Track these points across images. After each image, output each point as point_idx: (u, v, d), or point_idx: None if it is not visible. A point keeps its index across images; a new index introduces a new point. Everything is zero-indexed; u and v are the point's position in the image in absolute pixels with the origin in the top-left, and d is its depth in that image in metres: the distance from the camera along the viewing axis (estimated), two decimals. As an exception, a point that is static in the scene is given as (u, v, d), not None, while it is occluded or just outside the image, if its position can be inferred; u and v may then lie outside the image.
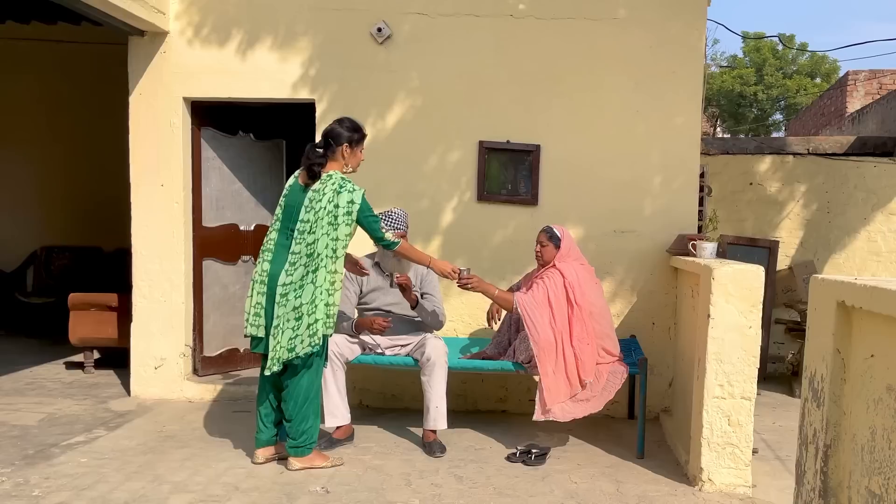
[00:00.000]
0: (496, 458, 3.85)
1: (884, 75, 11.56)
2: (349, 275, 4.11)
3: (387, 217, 3.99)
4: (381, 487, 3.40)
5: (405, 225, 4.07)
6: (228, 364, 5.32)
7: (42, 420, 4.37)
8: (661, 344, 4.66)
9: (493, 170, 4.74)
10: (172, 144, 4.88)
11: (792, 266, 6.26)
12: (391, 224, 3.97)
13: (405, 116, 4.77)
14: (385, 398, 4.82)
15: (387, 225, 3.95)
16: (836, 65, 26.20)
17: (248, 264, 5.41)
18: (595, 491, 3.41)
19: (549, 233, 4.05)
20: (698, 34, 4.63)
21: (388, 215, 4.02)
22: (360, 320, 4.08)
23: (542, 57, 4.68)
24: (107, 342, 5.55)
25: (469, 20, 4.70)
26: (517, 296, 3.91)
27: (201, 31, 4.84)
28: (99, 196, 7.03)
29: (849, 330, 1.70)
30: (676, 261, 4.40)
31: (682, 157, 4.65)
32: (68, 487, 3.31)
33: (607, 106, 4.67)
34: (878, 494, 1.51)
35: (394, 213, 4.06)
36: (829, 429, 1.72)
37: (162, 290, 4.92)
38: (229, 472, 3.57)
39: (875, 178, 6.21)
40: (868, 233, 6.22)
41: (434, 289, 4.16)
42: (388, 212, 4.06)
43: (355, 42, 4.76)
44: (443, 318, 4.17)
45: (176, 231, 4.91)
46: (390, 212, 4.06)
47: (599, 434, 4.18)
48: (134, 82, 4.88)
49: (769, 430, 4.44)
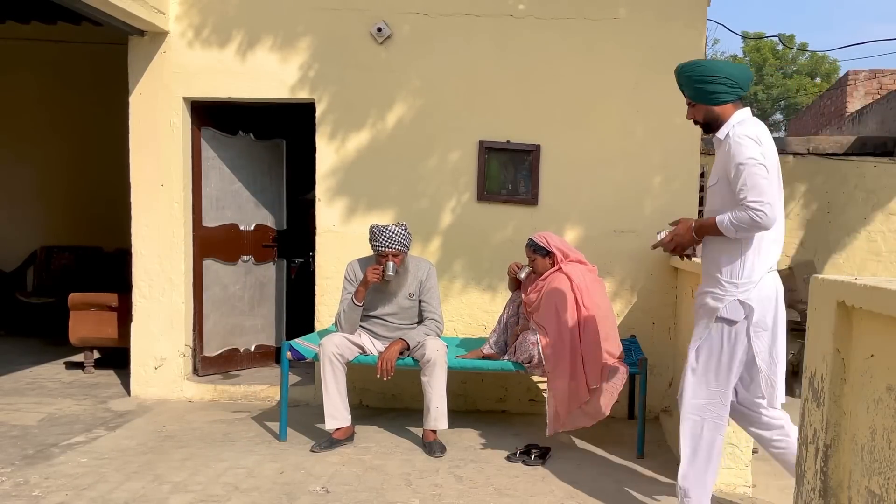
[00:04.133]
0: (496, 458, 3.85)
1: (884, 75, 11.56)
2: (351, 277, 4.10)
3: (382, 234, 3.88)
4: (381, 487, 3.40)
5: (403, 245, 3.95)
6: (228, 364, 5.32)
7: (42, 420, 4.37)
8: (661, 344, 4.66)
9: (493, 170, 4.74)
10: (172, 144, 4.88)
11: (792, 266, 6.25)
12: (384, 243, 3.88)
13: (405, 116, 4.77)
14: (385, 398, 4.82)
15: (379, 244, 3.89)
16: (836, 65, 26.24)
17: (247, 264, 5.41)
18: (595, 491, 3.41)
19: (533, 246, 4.02)
20: (698, 34, 4.63)
21: (384, 232, 3.89)
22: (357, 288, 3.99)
23: (542, 57, 4.68)
24: (107, 342, 5.55)
25: (469, 20, 4.70)
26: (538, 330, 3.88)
27: (201, 31, 4.84)
28: (99, 196, 7.03)
29: (849, 330, 1.70)
30: (676, 261, 4.39)
31: (682, 157, 4.65)
32: (68, 487, 3.31)
33: (607, 105, 4.67)
34: (878, 494, 1.51)
35: (389, 231, 3.90)
36: (829, 429, 1.72)
37: (162, 290, 4.92)
38: (229, 472, 3.57)
39: (875, 178, 6.20)
40: (868, 233, 6.22)
41: (433, 296, 4.13)
42: (386, 228, 3.91)
43: (355, 42, 4.76)
44: (440, 328, 4.12)
45: (176, 231, 4.91)
46: (387, 228, 3.91)
47: (599, 434, 4.18)
48: (134, 82, 4.88)
49: (769, 430, 4.44)
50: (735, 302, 2.75)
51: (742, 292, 2.74)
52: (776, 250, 2.80)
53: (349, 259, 4.27)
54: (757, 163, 2.64)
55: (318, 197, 4.85)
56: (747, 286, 2.74)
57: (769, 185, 2.64)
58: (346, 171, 4.81)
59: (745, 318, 2.75)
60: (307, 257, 6.66)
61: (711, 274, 2.84)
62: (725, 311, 2.76)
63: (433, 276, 4.14)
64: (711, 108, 2.84)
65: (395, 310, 4.10)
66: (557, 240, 4.06)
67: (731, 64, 2.91)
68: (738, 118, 2.79)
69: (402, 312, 4.11)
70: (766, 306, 2.76)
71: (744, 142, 2.67)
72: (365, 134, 4.80)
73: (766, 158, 2.66)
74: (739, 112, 2.81)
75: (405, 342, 3.95)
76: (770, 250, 2.77)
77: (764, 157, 2.65)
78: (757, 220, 2.62)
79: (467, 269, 4.79)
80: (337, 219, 4.83)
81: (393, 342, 3.96)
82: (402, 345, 3.94)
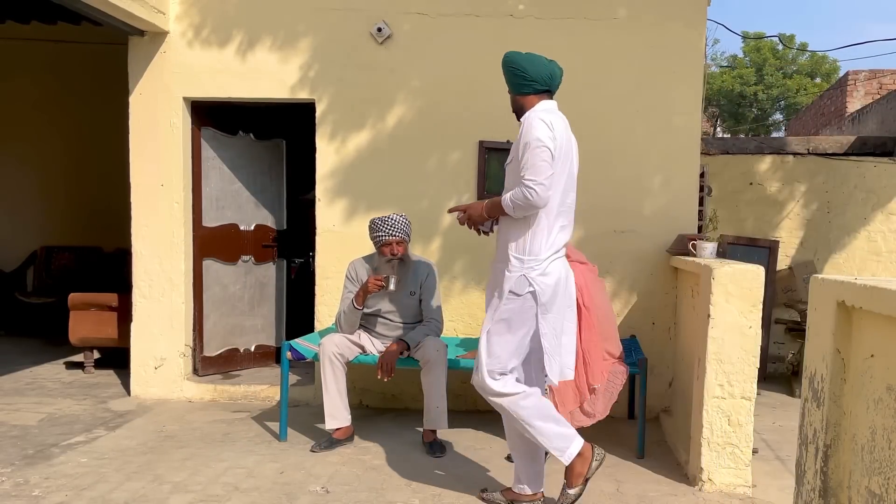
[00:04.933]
0: (496, 458, 3.85)
1: (884, 75, 11.56)
2: (352, 276, 4.10)
3: (384, 223, 3.94)
4: (381, 487, 3.40)
5: (405, 233, 3.98)
6: (228, 364, 5.32)
7: (42, 420, 4.37)
8: (661, 344, 4.66)
9: (493, 170, 4.74)
10: (172, 144, 4.88)
11: (792, 266, 6.25)
12: (387, 231, 3.92)
13: (405, 116, 4.77)
14: (385, 398, 4.82)
15: (382, 233, 3.92)
16: (836, 65, 26.20)
17: (247, 264, 5.41)
18: (595, 491, 3.41)
19: None
20: (698, 34, 4.63)
21: (386, 221, 3.95)
22: (358, 292, 4.00)
23: (542, 57, 4.67)
24: (107, 342, 5.55)
25: (469, 20, 4.70)
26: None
27: (202, 31, 4.84)
28: (99, 196, 7.03)
29: (849, 330, 1.70)
30: (676, 261, 4.40)
31: (682, 157, 4.65)
32: (68, 487, 3.31)
33: (607, 105, 4.67)
34: (878, 494, 1.51)
35: (391, 219, 3.97)
36: (829, 429, 1.72)
37: (162, 290, 4.92)
38: (229, 472, 3.57)
39: (875, 178, 6.21)
40: (868, 233, 6.22)
41: (433, 295, 4.13)
42: (388, 217, 3.97)
43: (355, 42, 4.76)
44: (440, 329, 4.11)
45: (176, 231, 4.91)
46: (389, 217, 3.97)
47: (599, 434, 4.17)
48: (134, 82, 4.88)
49: (769, 430, 4.44)
50: (522, 277, 2.91)
51: (528, 269, 2.91)
52: (563, 237, 3.00)
53: (349, 259, 4.27)
54: (542, 145, 2.81)
55: (318, 197, 4.85)
56: (532, 263, 2.91)
57: (547, 167, 2.81)
58: (346, 171, 4.81)
59: (531, 295, 2.90)
60: (307, 257, 6.66)
61: (503, 249, 3.02)
62: (513, 285, 2.92)
63: (434, 276, 4.13)
64: (516, 97, 3.04)
65: (396, 308, 4.10)
66: None
67: (531, 58, 3.04)
68: (542, 108, 2.95)
69: (403, 310, 4.11)
70: (556, 289, 2.94)
71: (535, 124, 2.86)
72: (365, 134, 4.80)
73: (554, 143, 2.83)
74: (543, 103, 2.98)
75: (405, 343, 3.95)
76: (559, 236, 2.97)
77: (551, 141, 2.83)
78: (528, 197, 2.80)
79: (467, 269, 4.79)
80: (337, 219, 4.83)
81: (393, 343, 3.96)
82: (403, 346, 3.94)
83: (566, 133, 2.95)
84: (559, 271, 2.97)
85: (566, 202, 2.98)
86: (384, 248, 3.96)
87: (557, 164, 2.86)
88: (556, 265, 2.96)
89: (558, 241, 2.97)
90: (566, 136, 2.94)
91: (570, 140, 2.98)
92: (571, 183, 2.99)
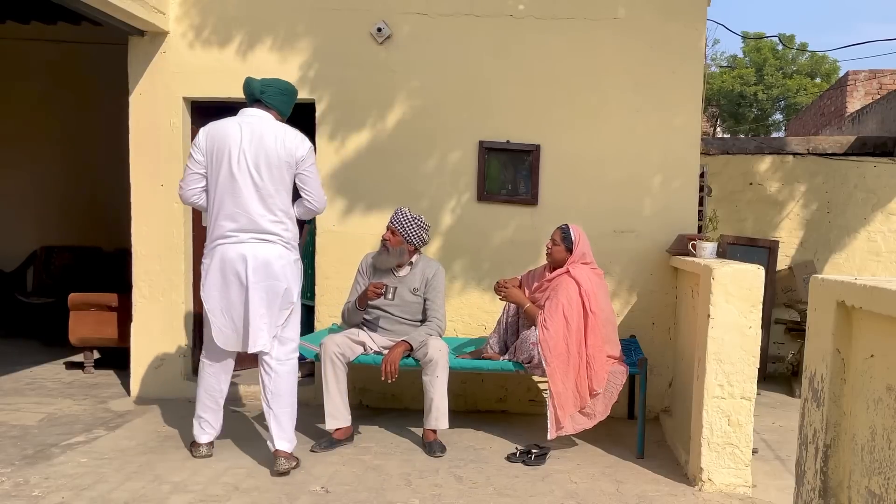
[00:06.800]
0: (496, 458, 3.86)
1: (884, 75, 11.57)
2: (362, 270, 4.16)
3: (395, 213, 4.06)
4: (381, 487, 3.40)
5: (405, 229, 4.02)
6: (228, 364, 5.31)
7: (42, 420, 4.37)
8: (661, 344, 4.66)
9: (493, 170, 4.74)
10: (172, 144, 4.88)
11: (792, 266, 6.26)
12: (392, 219, 4.04)
13: (405, 116, 4.77)
14: (385, 398, 4.82)
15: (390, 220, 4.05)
16: (836, 65, 26.22)
17: (248, 264, 5.40)
18: (595, 491, 3.41)
19: (565, 233, 4.00)
20: (698, 34, 4.63)
21: (398, 212, 4.07)
22: (360, 296, 4.07)
23: (541, 57, 4.68)
24: (107, 342, 5.55)
25: (469, 20, 4.70)
26: (540, 330, 3.86)
27: (202, 31, 4.84)
28: (99, 196, 7.03)
29: (849, 330, 1.70)
30: (676, 261, 4.40)
31: (682, 157, 4.65)
32: (68, 487, 3.31)
33: (607, 106, 4.67)
34: (878, 494, 1.51)
35: (402, 212, 4.07)
36: (829, 429, 1.72)
37: (162, 290, 4.92)
38: (229, 472, 3.57)
39: (875, 178, 6.21)
40: (868, 233, 6.22)
41: (437, 296, 4.13)
42: (404, 210, 4.09)
43: (355, 42, 4.76)
44: (442, 329, 4.12)
45: (176, 231, 4.91)
46: (403, 211, 4.08)
47: (599, 434, 4.18)
48: (134, 82, 4.88)
49: (769, 430, 4.45)
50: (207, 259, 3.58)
51: (207, 252, 3.58)
52: (226, 226, 3.48)
53: (349, 259, 4.28)
54: (191, 147, 3.55)
55: (318, 197, 4.85)
56: (208, 247, 3.58)
57: (188, 169, 3.54)
58: (346, 171, 4.82)
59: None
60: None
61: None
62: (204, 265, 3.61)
63: (440, 277, 4.14)
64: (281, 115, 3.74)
65: (399, 303, 4.11)
66: (585, 244, 4.03)
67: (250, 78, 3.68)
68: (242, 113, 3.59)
69: (406, 306, 4.11)
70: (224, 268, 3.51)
71: (202, 130, 3.55)
72: (365, 134, 4.80)
73: (197, 146, 3.51)
74: (244, 109, 3.62)
75: (408, 344, 3.95)
76: (220, 225, 3.50)
77: (195, 145, 3.52)
78: (180, 194, 3.61)
79: (467, 269, 4.79)
80: (337, 219, 4.83)
81: (396, 344, 3.96)
82: (406, 347, 3.94)
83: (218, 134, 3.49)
84: (219, 254, 3.52)
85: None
86: (383, 238, 4.06)
87: (199, 166, 3.52)
88: (220, 249, 3.51)
89: (219, 230, 3.50)
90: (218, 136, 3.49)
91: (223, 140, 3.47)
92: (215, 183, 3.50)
